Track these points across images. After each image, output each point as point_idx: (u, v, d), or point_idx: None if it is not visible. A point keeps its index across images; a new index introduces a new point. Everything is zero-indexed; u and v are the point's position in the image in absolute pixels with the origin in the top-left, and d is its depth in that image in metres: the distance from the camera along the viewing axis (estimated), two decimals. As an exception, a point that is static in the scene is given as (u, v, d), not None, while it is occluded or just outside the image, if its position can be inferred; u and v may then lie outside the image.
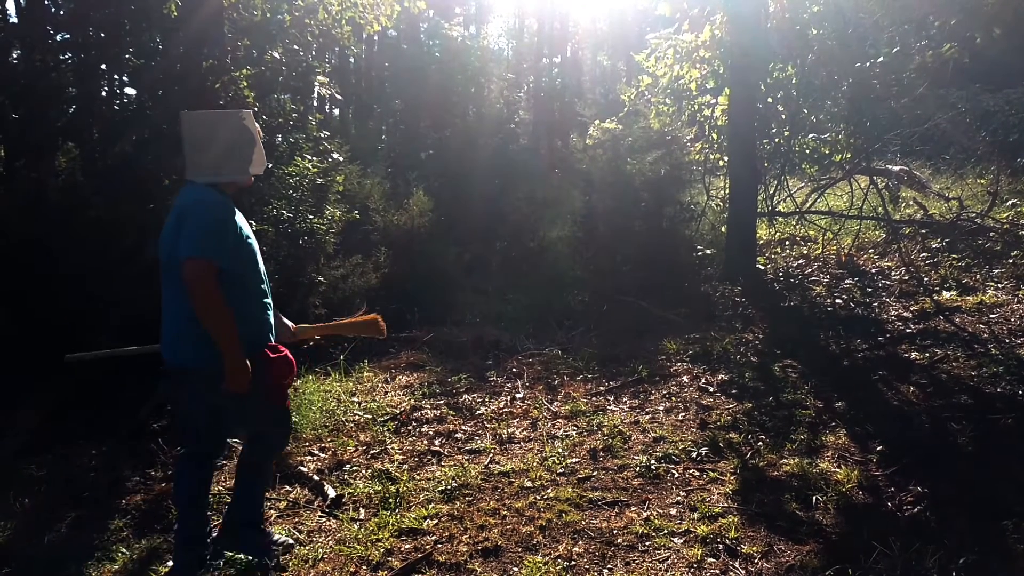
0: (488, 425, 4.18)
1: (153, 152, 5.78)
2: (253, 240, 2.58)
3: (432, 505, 3.13)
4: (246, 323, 2.46)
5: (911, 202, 8.94)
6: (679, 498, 3.11)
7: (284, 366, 2.57)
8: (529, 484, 3.31)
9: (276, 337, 2.67)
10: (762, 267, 7.44)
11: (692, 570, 2.57)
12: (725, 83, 7.63)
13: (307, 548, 2.83)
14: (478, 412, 4.39)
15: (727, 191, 7.70)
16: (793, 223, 8.71)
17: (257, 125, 2.64)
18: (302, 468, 3.58)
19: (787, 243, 8.58)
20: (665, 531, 2.82)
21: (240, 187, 2.61)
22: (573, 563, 2.64)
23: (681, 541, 2.75)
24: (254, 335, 2.52)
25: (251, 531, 2.74)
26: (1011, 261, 6.46)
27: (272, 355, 2.54)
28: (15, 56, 5.73)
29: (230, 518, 2.74)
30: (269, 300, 2.64)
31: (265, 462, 2.82)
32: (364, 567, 2.69)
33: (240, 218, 2.52)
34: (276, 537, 2.85)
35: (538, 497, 3.17)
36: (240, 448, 2.92)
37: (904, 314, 5.62)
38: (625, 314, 6.49)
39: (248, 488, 2.76)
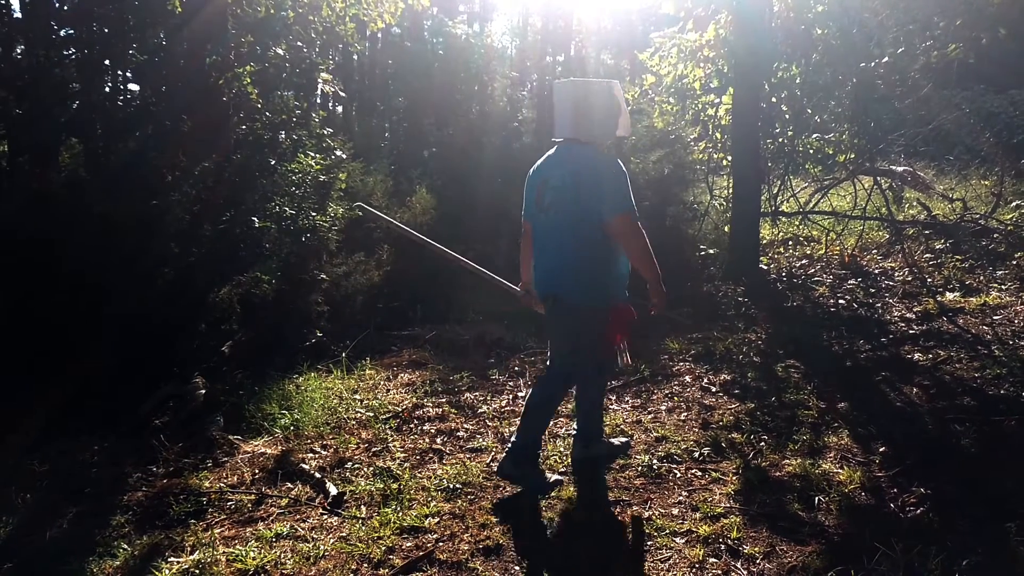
0: (490, 423, 4.17)
1: (157, 148, 5.79)
2: None
3: (434, 503, 3.13)
4: (624, 265, 3.06)
5: (915, 203, 8.93)
6: (681, 498, 3.11)
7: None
8: (531, 483, 3.30)
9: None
10: (765, 267, 7.42)
11: (694, 570, 2.56)
12: (729, 82, 7.60)
13: (309, 546, 2.82)
14: (480, 410, 4.39)
15: (731, 191, 7.68)
16: (796, 223, 8.69)
17: (623, 93, 3.10)
18: (304, 466, 3.57)
19: (790, 243, 8.56)
20: (667, 531, 2.82)
21: (607, 146, 3.09)
22: (574, 562, 2.64)
23: (683, 541, 2.75)
24: (624, 280, 3.12)
25: (596, 442, 3.45)
26: (1015, 262, 6.44)
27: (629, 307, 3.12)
28: (18, 52, 5.73)
29: (580, 434, 3.44)
30: None
31: (596, 387, 3.40)
32: (365, 565, 2.69)
33: None
34: (616, 441, 3.58)
35: (540, 496, 3.17)
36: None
37: (907, 315, 5.60)
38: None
39: (587, 410, 3.39)
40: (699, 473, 3.34)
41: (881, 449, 3.41)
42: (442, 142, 12.64)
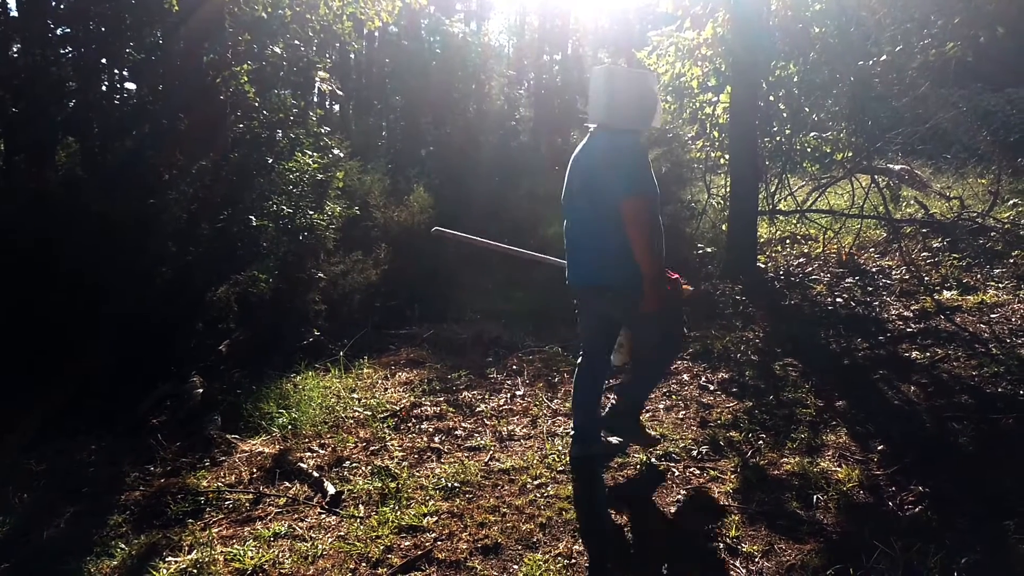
0: (488, 422, 4.17)
1: (154, 147, 5.78)
2: None
3: (432, 502, 3.13)
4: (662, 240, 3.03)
5: (912, 201, 8.94)
6: (679, 496, 3.11)
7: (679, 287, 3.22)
8: (529, 482, 3.30)
9: None
10: (763, 265, 7.43)
11: (693, 568, 2.56)
12: (727, 81, 7.60)
13: (307, 545, 2.82)
14: (478, 409, 4.39)
15: (728, 189, 7.69)
16: (794, 221, 8.69)
17: (657, 85, 3.18)
18: (302, 464, 3.57)
19: (788, 241, 8.57)
20: (666, 529, 2.81)
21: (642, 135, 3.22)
22: (573, 561, 2.64)
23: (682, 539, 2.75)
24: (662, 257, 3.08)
25: (595, 441, 3.41)
26: (1012, 261, 6.46)
27: (673, 276, 3.18)
28: (15, 50, 5.71)
29: (579, 433, 3.40)
30: None
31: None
32: (364, 564, 2.68)
33: None
34: (614, 439, 3.53)
35: (538, 495, 3.17)
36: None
37: (905, 313, 5.61)
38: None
39: (587, 408, 3.38)
40: (697, 472, 3.35)
41: (879, 447, 3.41)
42: (439, 141, 12.64)
